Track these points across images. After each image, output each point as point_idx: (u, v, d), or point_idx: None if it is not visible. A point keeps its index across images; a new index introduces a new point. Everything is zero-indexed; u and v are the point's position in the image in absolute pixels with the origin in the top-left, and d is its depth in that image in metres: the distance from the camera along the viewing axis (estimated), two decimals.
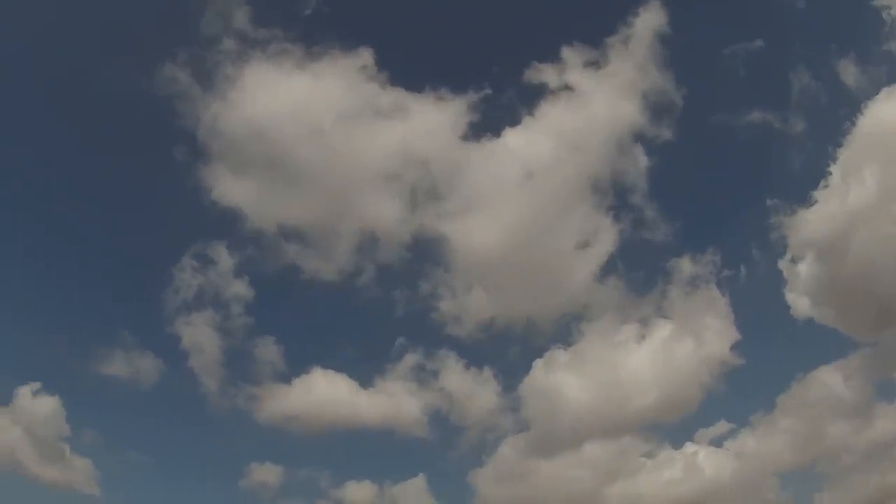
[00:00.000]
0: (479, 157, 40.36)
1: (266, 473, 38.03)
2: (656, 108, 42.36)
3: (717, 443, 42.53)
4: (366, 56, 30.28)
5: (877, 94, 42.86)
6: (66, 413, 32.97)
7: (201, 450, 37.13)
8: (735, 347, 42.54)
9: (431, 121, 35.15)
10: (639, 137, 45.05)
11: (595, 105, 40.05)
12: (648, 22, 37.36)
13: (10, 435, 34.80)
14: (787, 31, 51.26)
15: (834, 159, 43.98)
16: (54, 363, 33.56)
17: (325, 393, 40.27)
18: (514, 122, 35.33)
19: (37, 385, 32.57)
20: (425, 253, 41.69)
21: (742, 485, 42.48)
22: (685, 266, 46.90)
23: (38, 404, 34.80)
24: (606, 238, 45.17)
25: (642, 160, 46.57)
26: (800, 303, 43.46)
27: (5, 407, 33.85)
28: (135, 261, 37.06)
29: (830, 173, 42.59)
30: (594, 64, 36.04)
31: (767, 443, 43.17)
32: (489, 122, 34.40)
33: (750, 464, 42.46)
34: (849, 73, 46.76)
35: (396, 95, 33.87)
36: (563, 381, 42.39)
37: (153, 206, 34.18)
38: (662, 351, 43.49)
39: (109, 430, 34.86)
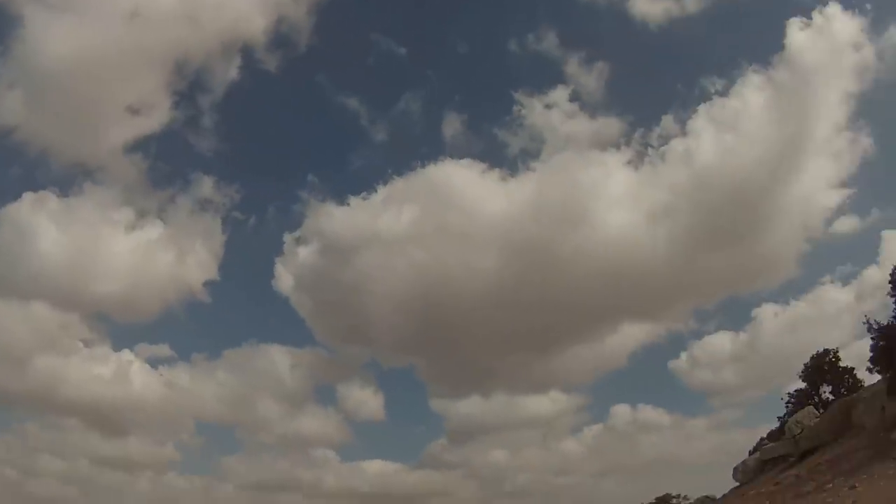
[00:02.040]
0: None
1: None
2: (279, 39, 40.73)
3: (155, 363, 42.72)
4: None
5: (460, 159, 44.95)
6: None
7: None
8: (208, 285, 42.80)
9: None
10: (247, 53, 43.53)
11: None
12: None
13: None
14: (445, 77, 52.53)
15: (386, 182, 46.02)
16: None
17: None
18: None
19: None
20: None
21: (160, 411, 42.38)
22: (206, 186, 46.95)
23: None
24: (159, 119, 43.99)
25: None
26: (284, 279, 44.90)
27: None
28: None
29: (376, 191, 44.60)
30: None
31: (201, 387, 43.48)
32: None
33: (177, 396, 42.29)
34: (451, 127, 47.90)
35: None
36: (42, 228, 40.58)
37: None
38: (145, 249, 42.75)
39: None
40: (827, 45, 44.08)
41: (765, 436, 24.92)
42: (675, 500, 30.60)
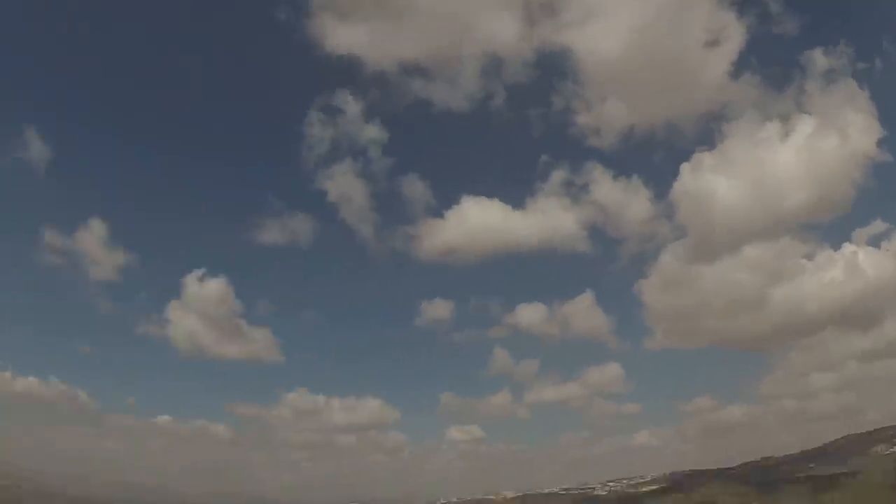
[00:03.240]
0: None
1: (437, 309, 39.32)
2: None
3: (875, 242, 40.86)
4: None
5: None
6: (233, 290, 34.36)
7: (370, 296, 38.98)
8: (882, 143, 39.58)
9: None
10: None
11: None
12: None
13: (186, 323, 37.60)
14: None
15: None
16: (212, 245, 34.68)
17: (479, 220, 40.19)
18: None
19: (201, 271, 33.85)
20: (552, 68, 39.65)
21: None
22: (818, 59, 43.07)
23: (206, 289, 36.51)
24: (735, 34, 41.47)
25: None
26: None
27: (177, 299, 35.77)
28: (262, 127, 36.42)
29: None
30: None
31: None
32: None
33: None
34: None
35: None
36: (713, 183, 40.64)
37: (265, 69, 33.29)
38: (807, 148, 40.97)
39: (278, 297, 36.42)
40: None
41: None
42: None
